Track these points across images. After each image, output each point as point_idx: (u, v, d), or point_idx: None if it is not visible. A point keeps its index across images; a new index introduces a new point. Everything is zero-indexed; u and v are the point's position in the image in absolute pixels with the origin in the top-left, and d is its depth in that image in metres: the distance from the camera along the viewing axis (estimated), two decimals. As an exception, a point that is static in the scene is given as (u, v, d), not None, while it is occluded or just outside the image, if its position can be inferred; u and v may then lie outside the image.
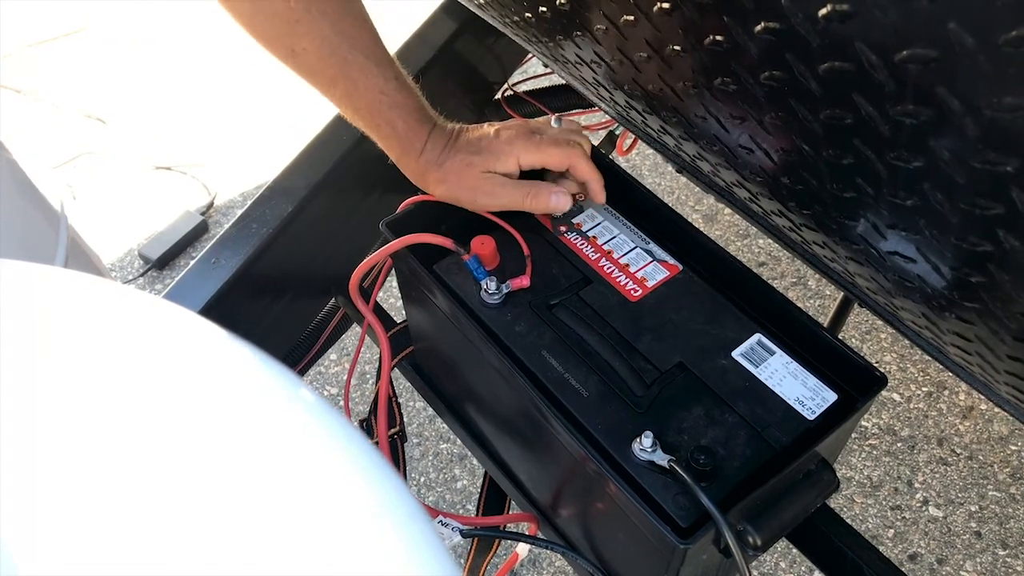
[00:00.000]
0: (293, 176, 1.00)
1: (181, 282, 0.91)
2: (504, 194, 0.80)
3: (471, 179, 0.80)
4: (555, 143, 0.81)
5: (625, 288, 0.80)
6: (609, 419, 0.69)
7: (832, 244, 0.63)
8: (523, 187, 0.80)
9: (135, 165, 2.34)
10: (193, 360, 0.35)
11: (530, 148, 0.80)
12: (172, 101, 2.53)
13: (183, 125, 2.45)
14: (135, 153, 2.37)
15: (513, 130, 0.82)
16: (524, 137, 0.81)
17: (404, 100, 0.80)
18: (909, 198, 0.46)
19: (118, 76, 2.61)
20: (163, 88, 2.57)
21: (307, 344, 1.07)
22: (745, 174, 0.65)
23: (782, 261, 2.00)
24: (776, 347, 0.75)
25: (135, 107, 2.51)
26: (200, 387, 0.34)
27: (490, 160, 0.80)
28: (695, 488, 0.62)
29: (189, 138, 2.41)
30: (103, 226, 2.16)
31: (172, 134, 2.42)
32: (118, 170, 2.33)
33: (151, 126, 2.46)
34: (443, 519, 0.83)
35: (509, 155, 0.80)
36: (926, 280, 0.54)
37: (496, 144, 0.81)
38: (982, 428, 1.70)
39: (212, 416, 0.33)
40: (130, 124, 2.47)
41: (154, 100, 2.54)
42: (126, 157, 2.36)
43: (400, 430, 1.01)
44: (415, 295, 0.86)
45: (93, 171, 2.32)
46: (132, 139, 2.41)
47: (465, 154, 0.81)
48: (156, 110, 2.51)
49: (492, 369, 0.76)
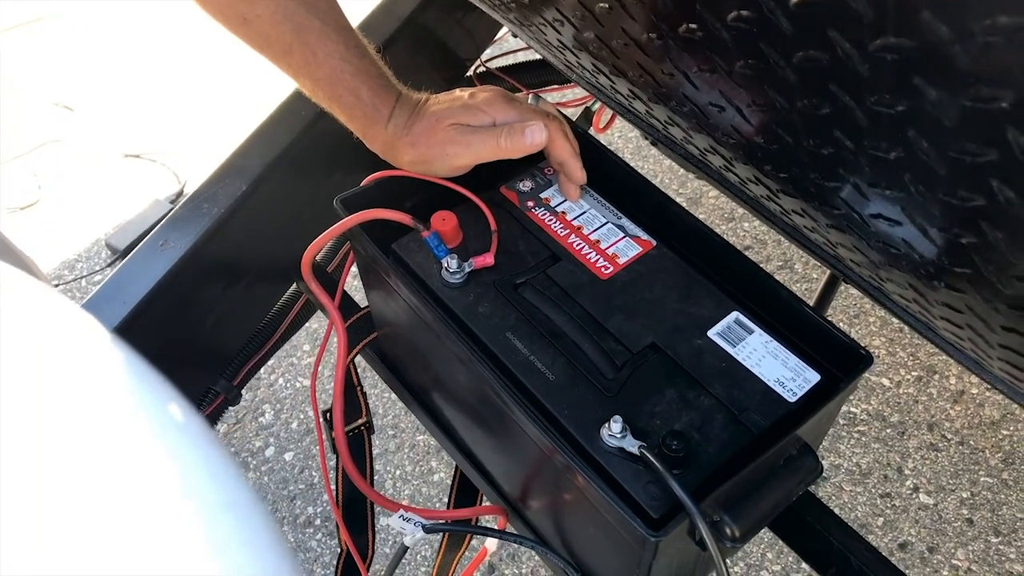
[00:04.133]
0: (248, 154, 0.95)
1: (126, 266, 0.86)
2: (476, 141, 0.75)
3: (440, 133, 0.75)
4: (536, 112, 0.77)
5: (595, 265, 0.76)
6: (576, 404, 0.66)
7: (812, 211, 0.59)
8: (496, 129, 0.75)
9: (104, 153, 2.28)
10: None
11: (508, 109, 0.76)
12: (141, 88, 2.47)
13: (153, 112, 2.39)
14: (104, 141, 2.31)
15: (490, 92, 0.78)
16: (502, 98, 0.77)
17: (367, 67, 0.76)
18: (892, 149, 0.42)
19: (85, 63, 2.55)
20: (131, 75, 2.51)
21: (268, 332, 1.02)
22: (718, 136, 0.60)
23: (768, 244, 1.96)
24: (755, 325, 0.71)
25: (103, 94, 2.45)
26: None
27: (463, 115, 0.75)
28: (667, 476, 0.58)
29: (159, 125, 2.35)
30: (70, 216, 2.10)
31: (141, 121, 2.36)
32: (86, 158, 2.27)
33: (120, 113, 2.40)
34: (404, 514, 0.78)
35: (484, 113, 0.76)
36: (913, 245, 0.50)
37: (470, 103, 0.77)
38: (973, 413, 1.67)
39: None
40: (98, 111, 2.41)
41: (123, 87, 2.48)
42: (94, 145, 2.30)
43: (367, 421, 0.96)
44: (373, 277, 0.82)
45: (60, 159, 2.26)
46: (101, 126, 2.35)
47: (437, 113, 0.76)
48: (125, 97, 2.45)
49: (453, 353, 0.72)
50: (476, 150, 0.75)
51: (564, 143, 0.77)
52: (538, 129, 0.74)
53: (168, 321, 0.88)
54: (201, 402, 0.96)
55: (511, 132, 0.74)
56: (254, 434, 1.67)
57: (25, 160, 2.24)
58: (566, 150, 0.77)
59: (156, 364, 0.91)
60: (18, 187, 2.13)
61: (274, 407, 1.70)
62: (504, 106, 0.76)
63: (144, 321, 0.84)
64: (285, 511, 1.57)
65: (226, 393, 0.97)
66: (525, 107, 0.77)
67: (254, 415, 1.70)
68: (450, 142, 0.75)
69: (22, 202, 2.09)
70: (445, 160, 0.76)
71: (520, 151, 0.75)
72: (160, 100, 2.44)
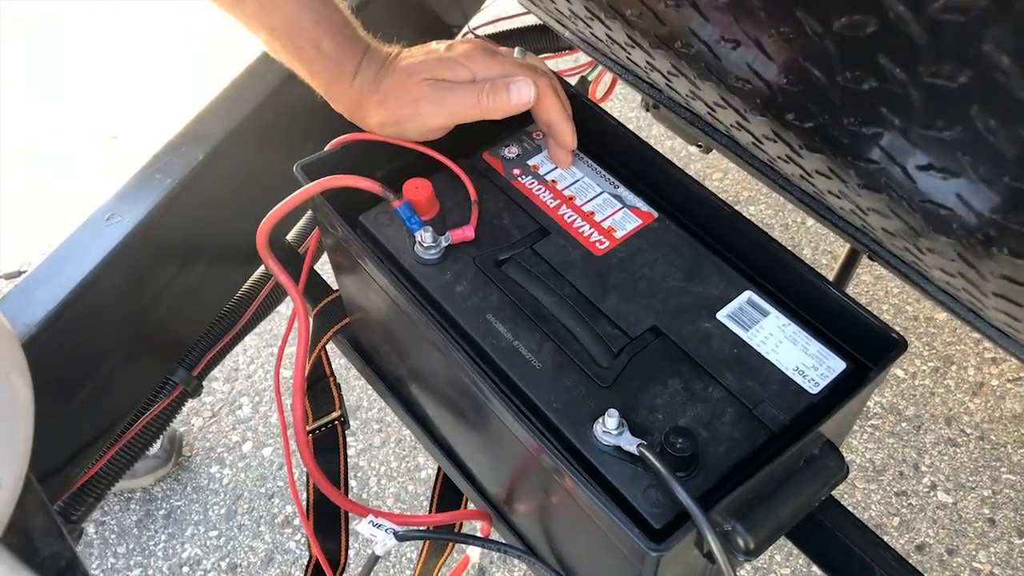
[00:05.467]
0: (206, 121, 0.87)
1: (66, 244, 0.78)
2: (453, 99, 0.67)
3: (412, 90, 0.68)
4: (523, 67, 0.69)
5: (589, 240, 0.69)
6: (567, 396, 0.60)
7: (841, 169, 0.51)
8: (475, 86, 0.67)
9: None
10: None
11: (491, 63, 0.68)
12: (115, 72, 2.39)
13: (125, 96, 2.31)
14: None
15: (469, 44, 0.71)
16: (483, 51, 0.69)
17: (330, 16, 0.69)
18: (960, 72, 0.33)
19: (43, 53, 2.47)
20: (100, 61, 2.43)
21: (233, 317, 0.94)
22: (730, 82, 0.52)
23: (774, 229, 1.90)
24: (770, 306, 0.64)
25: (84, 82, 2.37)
26: None
27: (438, 68, 0.68)
28: (670, 479, 0.52)
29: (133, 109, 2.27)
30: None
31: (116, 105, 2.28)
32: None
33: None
34: (375, 519, 0.70)
35: (463, 67, 0.68)
36: (970, 203, 0.41)
37: (447, 56, 0.69)
38: (993, 406, 1.62)
39: None
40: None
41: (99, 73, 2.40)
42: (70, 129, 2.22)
43: (341, 415, 0.89)
44: (340, 254, 0.74)
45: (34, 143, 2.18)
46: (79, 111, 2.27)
47: (409, 66, 0.69)
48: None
49: (428, 339, 0.64)
50: (453, 109, 0.67)
51: (554, 101, 0.68)
52: (524, 85, 0.66)
53: (115, 304, 0.80)
54: (157, 394, 0.88)
55: (494, 88, 0.66)
56: (231, 428, 1.60)
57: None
58: (556, 109, 0.68)
59: (103, 352, 0.83)
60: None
61: (252, 400, 1.63)
62: (485, 59, 0.68)
63: (86, 303, 0.76)
64: (263, 509, 1.50)
65: (185, 384, 0.90)
66: (509, 61, 0.69)
67: (231, 408, 1.63)
68: (424, 100, 0.67)
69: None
70: (417, 120, 0.68)
71: (503, 111, 0.67)
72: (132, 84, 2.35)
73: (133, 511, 1.53)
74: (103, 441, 0.85)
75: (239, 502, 1.53)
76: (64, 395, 0.78)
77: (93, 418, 0.82)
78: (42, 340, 0.73)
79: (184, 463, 1.59)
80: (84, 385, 0.79)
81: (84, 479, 0.84)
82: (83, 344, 0.78)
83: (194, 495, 1.55)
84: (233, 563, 1.46)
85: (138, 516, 1.53)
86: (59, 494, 0.82)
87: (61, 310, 0.74)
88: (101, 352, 0.81)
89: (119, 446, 0.86)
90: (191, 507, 1.53)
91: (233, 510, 1.52)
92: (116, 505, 1.54)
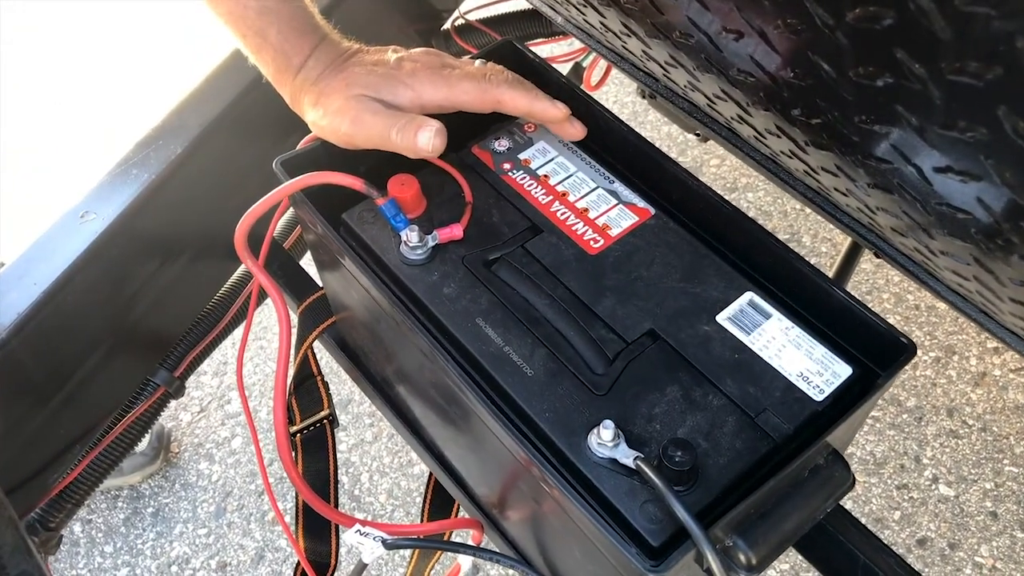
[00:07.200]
0: (185, 113, 0.84)
1: (39, 242, 0.75)
2: (370, 124, 0.64)
3: (342, 102, 0.65)
4: (468, 76, 0.66)
5: (583, 238, 0.66)
6: (560, 404, 0.57)
7: (850, 167, 0.48)
8: (395, 117, 0.64)
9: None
10: None
11: (437, 82, 0.65)
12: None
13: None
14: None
15: (420, 61, 0.67)
16: (430, 70, 0.66)
17: (277, 6, 0.67)
18: (988, 70, 0.30)
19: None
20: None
21: (215, 316, 0.91)
22: (731, 74, 0.49)
23: (773, 216, 1.87)
24: (773, 308, 0.62)
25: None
26: None
27: (378, 85, 0.65)
28: (668, 495, 0.50)
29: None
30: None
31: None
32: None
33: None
34: (362, 528, 0.68)
35: (406, 88, 0.65)
36: (991, 207, 0.38)
37: (393, 73, 0.66)
38: (996, 396, 1.60)
39: None
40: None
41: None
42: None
43: (329, 414, 0.86)
44: (322, 253, 0.72)
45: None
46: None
47: (350, 74, 0.66)
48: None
49: (414, 344, 0.61)
50: (368, 135, 0.65)
51: (514, 93, 0.66)
52: (430, 133, 0.63)
53: (91, 305, 0.77)
54: (137, 397, 0.85)
55: (405, 129, 0.63)
56: (220, 423, 1.57)
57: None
58: (521, 100, 0.66)
59: (80, 354, 0.80)
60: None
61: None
62: (432, 80, 0.65)
63: (62, 303, 0.73)
64: (252, 507, 1.48)
65: (167, 385, 0.87)
66: (455, 76, 0.66)
67: (220, 403, 1.60)
68: (346, 115, 0.64)
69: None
70: (340, 133, 0.66)
71: (411, 152, 0.64)
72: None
73: (120, 509, 1.51)
74: (82, 446, 0.82)
75: (228, 499, 1.51)
76: (39, 400, 0.75)
77: (71, 423, 0.80)
78: (12, 344, 0.70)
79: (172, 460, 1.56)
80: (60, 389, 0.77)
81: (62, 485, 0.81)
82: (58, 347, 0.75)
83: (183, 492, 1.52)
84: (223, 561, 1.44)
85: (125, 514, 1.50)
86: (36, 501, 0.80)
87: (33, 312, 0.71)
88: (78, 355, 0.78)
89: (98, 450, 0.83)
90: (180, 504, 1.51)
91: (223, 507, 1.50)
92: (103, 503, 1.52)
